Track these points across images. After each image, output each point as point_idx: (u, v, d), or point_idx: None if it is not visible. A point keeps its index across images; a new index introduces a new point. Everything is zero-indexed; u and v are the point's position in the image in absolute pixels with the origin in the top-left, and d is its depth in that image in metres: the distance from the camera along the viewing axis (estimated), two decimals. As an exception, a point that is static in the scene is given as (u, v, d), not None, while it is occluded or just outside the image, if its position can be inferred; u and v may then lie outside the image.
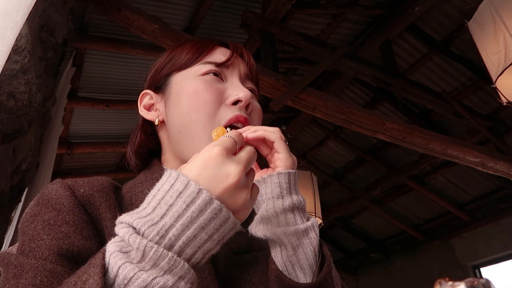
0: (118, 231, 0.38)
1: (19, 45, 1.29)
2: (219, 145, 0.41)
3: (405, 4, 2.95)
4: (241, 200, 0.40)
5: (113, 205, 0.52)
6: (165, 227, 0.36)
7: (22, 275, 0.40)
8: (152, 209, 0.38)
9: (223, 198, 0.39)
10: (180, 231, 0.36)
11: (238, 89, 0.60)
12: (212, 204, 0.37)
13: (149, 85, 0.67)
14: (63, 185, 0.50)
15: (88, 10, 2.59)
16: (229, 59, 0.62)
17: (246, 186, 0.41)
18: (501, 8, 2.00)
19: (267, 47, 2.59)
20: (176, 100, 0.61)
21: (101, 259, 0.35)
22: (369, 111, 2.89)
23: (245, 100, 0.59)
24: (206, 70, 0.61)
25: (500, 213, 4.49)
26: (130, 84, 3.32)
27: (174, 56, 0.64)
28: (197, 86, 0.59)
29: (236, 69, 0.64)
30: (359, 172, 4.99)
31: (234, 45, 0.66)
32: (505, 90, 2.10)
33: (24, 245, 0.44)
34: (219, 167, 0.39)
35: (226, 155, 0.41)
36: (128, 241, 0.36)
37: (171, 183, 0.38)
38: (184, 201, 0.37)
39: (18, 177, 1.62)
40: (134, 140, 0.66)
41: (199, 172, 0.39)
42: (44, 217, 0.47)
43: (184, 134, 0.59)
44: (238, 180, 0.39)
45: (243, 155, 0.43)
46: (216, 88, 0.60)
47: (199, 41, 0.65)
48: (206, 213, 0.37)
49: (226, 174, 0.39)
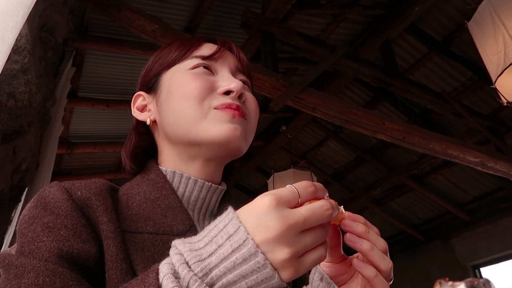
0: (171, 256, 0.39)
1: (19, 45, 1.29)
2: (272, 194, 0.39)
3: (405, 4, 2.95)
4: (280, 258, 0.37)
5: (109, 208, 0.51)
6: (210, 266, 0.37)
7: (24, 275, 0.40)
8: (204, 245, 0.38)
9: (262, 250, 0.37)
10: (222, 273, 0.37)
11: (229, 80, 0.60)
12: (256, 257, 0.36)
13: (141, 86, 0.67)
14: (61, 188, 0.50)
15: (88, 10, 2.59)
16: (216, 52, 0.62)
17: (292, 244, 0.37)
18: (500, 9, 2.00)
19: (267, 47, 2.59)
20: (167, 97, 0.61)
21: (156, 280, 0.37)
22: (369, 111, 2.89)
23: (237, 91, 0.58)
24: (195, 64, 0.61)
25: (500, 213, 4.49)
26: (130, 84, 3.32)
27: (162, 56, 0.65)
28: (186, 77, 0.59)
29: (226, 62, 0.63)
30: (359, 172, 4.99)
31: (221, 40, 0.66)
32: (505, 91, 2.10)
33: (23, 247, 0.44)
34: (263, 216, 0.37)
35: (276, 205, 0.38)
36: (178, 269, 0.37)
37: (225, 223, 0.39)
38: (232, 245, 0.37)
39: (18, 177, 1.62)
40: (129, 143, 0.67)
41: (245, 218, 0.38)
42: (43, 220, 0.47)
43: (177, 125, 0.58)
44: (278, 234, 0.36)
45: (302, 210, 0.39)
46: (205, 78, 0.59)
47: (186, 39, 0.66)
48: (249, 264, 0.36)
49: (266, 226, 0.37)
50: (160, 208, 0.55)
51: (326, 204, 0.40)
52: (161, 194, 0.56)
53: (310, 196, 0.41)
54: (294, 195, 0.40)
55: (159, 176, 0.59)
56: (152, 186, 0.58)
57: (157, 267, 0.38)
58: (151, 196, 0.56)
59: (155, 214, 0.54)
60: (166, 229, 0.53)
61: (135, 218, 0.53)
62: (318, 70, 2.72)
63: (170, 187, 0.58)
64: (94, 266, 0.46)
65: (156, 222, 0.53)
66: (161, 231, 0.52)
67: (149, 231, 0.52)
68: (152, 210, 0.55)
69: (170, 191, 0.57)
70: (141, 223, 0.53)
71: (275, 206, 0.38)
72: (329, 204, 0.41)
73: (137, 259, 0.49)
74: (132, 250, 0.49)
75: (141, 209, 0.54)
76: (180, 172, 0.59)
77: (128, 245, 0.50)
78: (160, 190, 0.57)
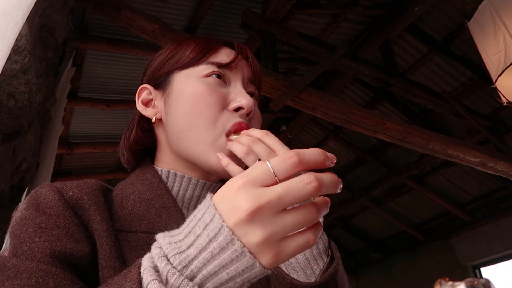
0: (152, 250, 0.38)
1: (19, 45, 1.29)
2: (242, 174, 0.36)
3: (405, 4, 2.95)
4: (254, 240, 0.34)
5: (102, 207, 0.51)
6: (189, 257, 0.35)
7: (17, 276, 0.40)
8: (183, 237, 0.37)
9: (236, 235, 0.34)
10: (202, 264, 0.35)
11: (241, 95, 0.59)
12: (233, 245, 0.34)
13: (149, 79, 0.65)
14: (52, 189, 0.50)
15: (88, 10, 2.59)
16: (233, 61, 0.61)
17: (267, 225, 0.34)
18: (501, 9, 2.00)
19: (267, 47, 2.59)
20: (177, 100, 0.59)
21: (137, 274, 0.36)
22: (369, 111, 2.90)
23: (247, 109, 0.58)
24: (209, 71, 0.59)
25: (500, 213, 4.49)
26: (130, 84, 3.32)
27: (177, 53, 0.63)
28: (200, 88, 0.58)
29: (240, 72, 0.62)
30: (359, 172, 5.00)
31: (239, 46, 0.64)
32: (505, 90, 2.10)
33: (16, 248, 0.44)
34: (233, 199, 0.35)
35: (244, 184, 0.35)
36: (156, 262, 0.36)
37: (202, 213, 0.37)
38: (208, 234, 0.35)
39: (18, 177, 1.62)
40: (129, 135, 0.65)
41: (218, 205, 0.36)
42: (35, 220, 0.47)
43: (184, 135, 0.58)
44: (249, 215, 0.33)
45: (277, 187, 0.34)
46: (219, 92, 0.58)
47: (204, 40, 0.64)
48: (227, 253, 0.34)
49: (237, 208, 0.34)
50: (155, 208, 0.55)
51: (308, 177, 0.34)
52: (155, 194, 0.56)
53: (292, 170, 0.35)
54: (267, 173, 0.35)
55: (154, 176, 0.59)
56: (147, 186, 0.58)
57: (139, 261, 0.37)
58: (146, 195, 0.56)
59: (150, 214, 0.54)
60: (161, 228, 0.52)
61: (129, 218, 0.53)
62: (318, 70, 2.72)
63: (165, 187, 0.58)
64: (88, 265, 0.46)
65: (150, 222, 0.53)
66: (155, 231, 0.52)
67: (143, 230, 0.52)
68: (147, 209, 0.55)
69: (165, 191, 0.57)
70: (135, 222, 0.53)
71: (244, 186, 0.35)
72: (312, 177, 0.34)
73: (130, 258, 0.49)
74: (126, 249, 0.49)
75: (135, 209, 0.54)
76: (175, 171, 0.59)
77: (122, 244, 0.50)
78: (155, 190, 0.57)
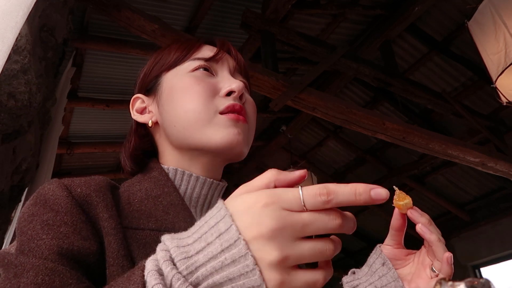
0: (157, 252, 0.37)
1: (19, 45, 1.29)
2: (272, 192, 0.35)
3: (405, 4, 2.95)
4: (268, 259, 0.33)
5: (110, 205, 0.51)
6: (196, 264, 0.34)
7: (23, 274, 0.40)
8: (192, 241, 0.36)
9: (251, 249, 0.33)
10: (209, 273, 0.34)
11: (229, 81, 0.61)
12: (246, 260, 0.33)
13: (140, 89, 0.67)
14: (60, 185, 0.50)
15: (88, 10, 2.59)
16: (217, 54, 0.63)
17: (284, 248, 0.33)
18: (501, 8, 2.00)
19: (267, 47, 2.59)
20: (168, 98, 0.61)
21: (141, 277, 0.35)
22: (369, 111, 2.90)
23: (238, 91, 0.60)
24: (195, 66, 0.61)
25: (500, 213, 4.49)
26: (130, 84, 3.32)
27: (162, 57, 0.65)
28: (189, 81, 0.60)
29: (225, 63, 0.64)
30: (359, 172, 4.99)
31: (221, 41, 0.67)
32: (505, 90, 2.10)
33: (23, 245, 0.44)
34: (257, 214, 0.34)
35: (272, 204, 0.34)
36: (161, 266, 0.35)
37: (217, 221, 0.36)
38: (222, 244, 0.34)
39: (18, 177, 1.62)
40: (129, 145, 0.67)
41: (238, 216, 0.35)
42: (43, 217, 0.46)
43: (180, 126, 0.59)
44: (271, 232, 0.33)
45: (304, 214, 0.34)
46: (207, 82, 0.60)
47: (185, 41, 0.66)
48: (238, 266, 0.33)
49: (260, 223, 0.33)
50: (162, 205, 0.55)
51: (335, 213, 0.35)
52: (163, 191, 0.56)
53: (321, 207, 0.35)
54: (297, 202, 0.34)
55: (161, 174, 0.59)
56: (154, 183, 0.58)
57: (143, 263, 0.36)
58: (153, 193, 0.56)
59: (157, 211, 0.54)
60: (168, 226, 0.52)
61: (136, 215, 0.53)
62: (318, 70, 2.72)
63: (172, 185, 0.58)
64: (95, 263, 0.46)
65: (158, 219, 0.53)
66: (163, 228, 0.52)
67: (151, 228, 0.52)
68: (154, 207, 0.54)
69: (172, 188, 0.57)
70: (143, 219, 0.53)
71: (272, 204, 0.34)
72: (339, 214, 0.35)
73: (139, 255, 0.48)
74: (134, 247, 0.49)
75: (142, 206, 0.54)
76: (182, 169, 0.59)
77: (130, 241, 0.49)
78: (162, 188, 0.57)
